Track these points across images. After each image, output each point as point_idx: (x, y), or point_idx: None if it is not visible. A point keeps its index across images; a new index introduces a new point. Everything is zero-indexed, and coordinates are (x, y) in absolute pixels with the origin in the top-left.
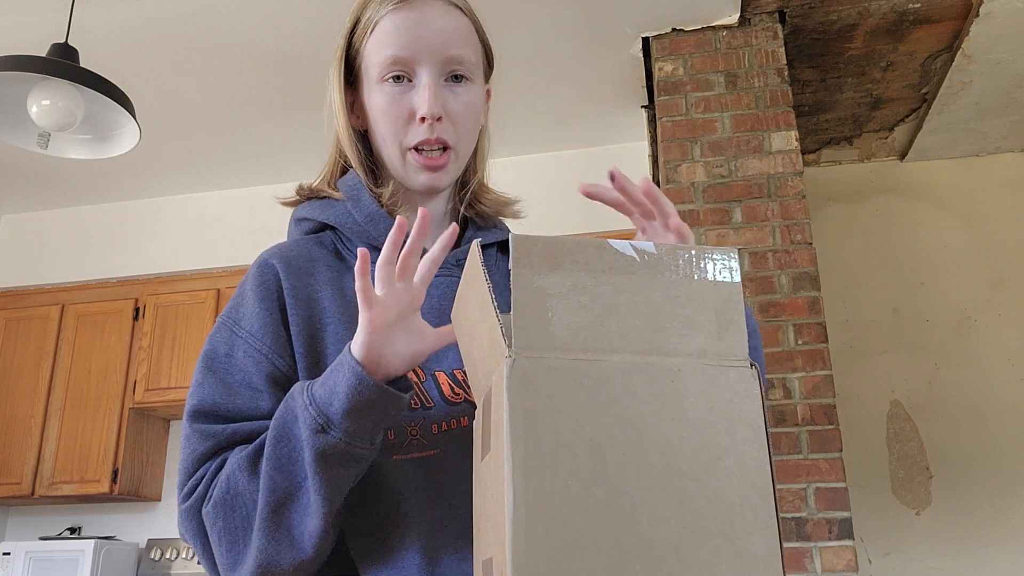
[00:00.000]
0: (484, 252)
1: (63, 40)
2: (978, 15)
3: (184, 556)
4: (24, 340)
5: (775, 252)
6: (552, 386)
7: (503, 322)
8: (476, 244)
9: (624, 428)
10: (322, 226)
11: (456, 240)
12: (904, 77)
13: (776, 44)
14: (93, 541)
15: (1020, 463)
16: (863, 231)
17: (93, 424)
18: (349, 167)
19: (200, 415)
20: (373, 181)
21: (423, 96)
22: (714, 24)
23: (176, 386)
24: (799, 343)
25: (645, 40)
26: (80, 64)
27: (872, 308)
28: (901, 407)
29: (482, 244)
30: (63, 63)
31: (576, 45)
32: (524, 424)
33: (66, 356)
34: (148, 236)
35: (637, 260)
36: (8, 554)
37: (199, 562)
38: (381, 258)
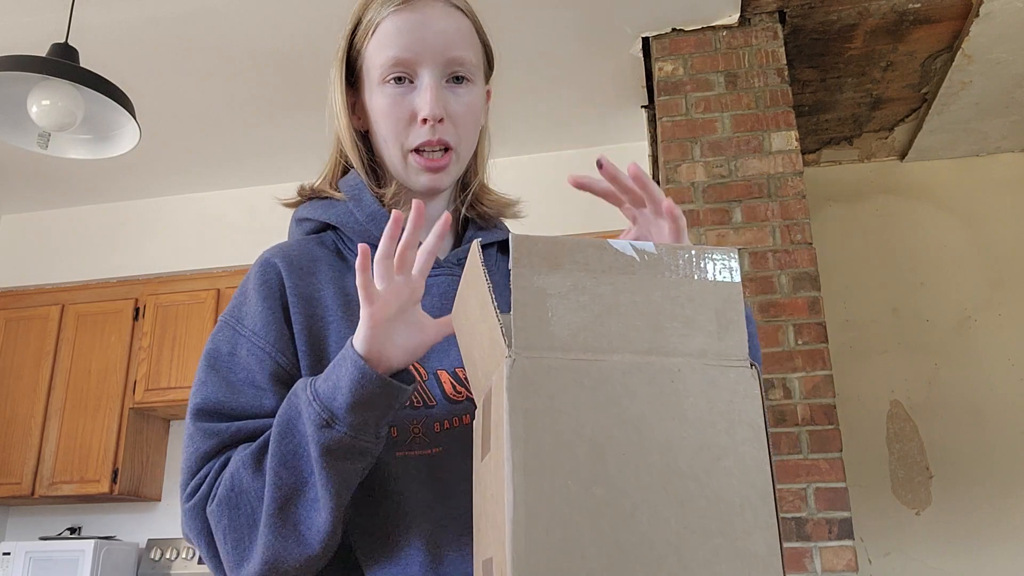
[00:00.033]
0: (484, 252)
1: (63, 40)
2: (978, 15)
3: (184, 556)
4: (24, 340)
5: (775, 252)
6: (552, 386)
7: (503, 322)
8: (476, 244)
9: (624, 428)
10: (323, 226)
11: (456, 240)
12: (904, 77)
13: (776, 44)
14: (93, 541)
15: (1020, 463)
16: (863, 231)
17: (93, 424)
18: (350, 168)
19: (203, 413)
20: (374, 181)
21: (425, 98)
22: (714, 24)
23: (176, 386)
24: (799, 343)
25: (645, 40)
26: (80, 64)
27: (872, 308)
28: (901, 407)
29: (482, 244)
30: (63, 63)
31: (576, 45)
32: (524, 424)
33: (66, 356)
34: (148, 236)
35: (637, 260)
36: (8, 554)
37: (200, 562)
38: (379, 252)
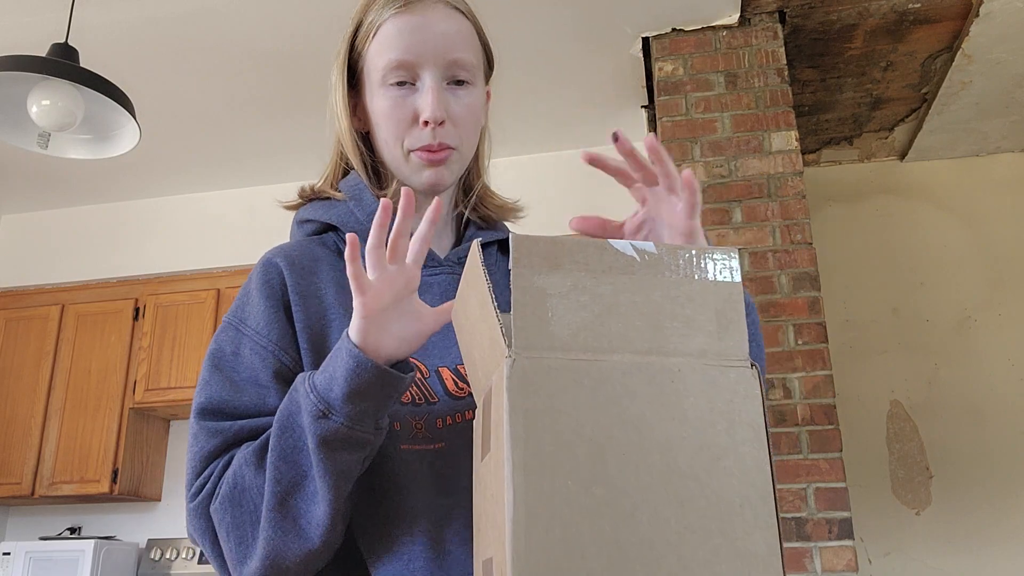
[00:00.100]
0: (484, 251)
1: (63, 40)
2: (978, 15)
3: (184, 556)
4: (24, 340)
5: (775, 252)
6: (552, 386)
7: (503, 322)
8: (476, 244)
9: (624, 428)
10: (324, 227)
11: (457, 239)
12: (904, 77)
13: (776, 44)
14: (93, 541)
15: (1020, 463)
16: (863, 231)
17: (93, 424)
18: (350, 169)
19: (207, 413)
20: (375, 182)
21: (426, 100)
22: (714, 24)
23: (176, 386)
24: (799, 343)
25: (645, 40)
26: (80, 64)
27: (872, 308)
28: (901, 407)
29: (482, 243)
30: (63, 63)
31: (576, 45)
32: (524, 424)
33: (66, 356)
34: (148, 236)
35: (637, 260)
36: (8, 554)
37: (200, 562)
38: (370, 242)
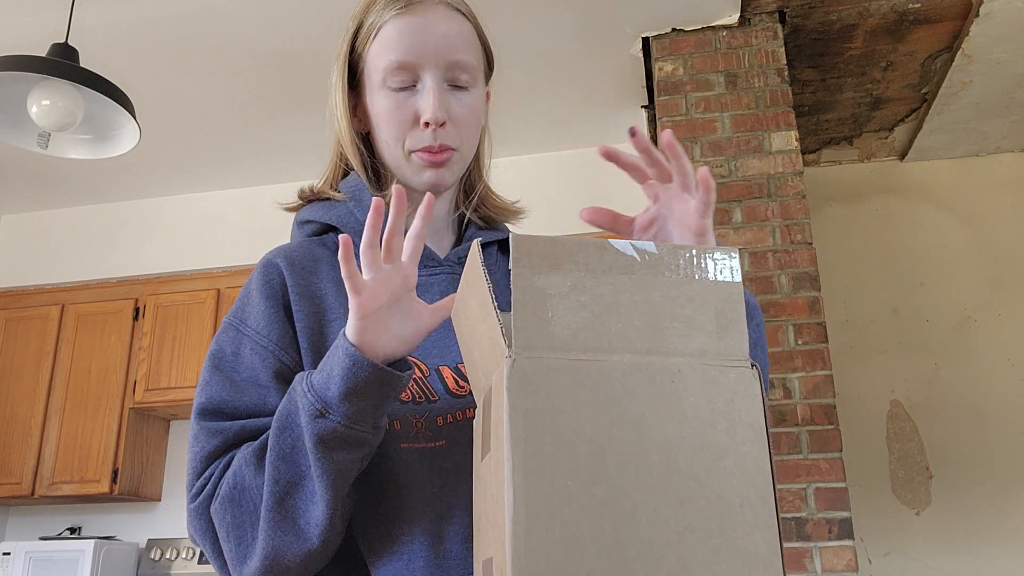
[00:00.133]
0: (484, 251)
1: (63, 40)
2: (978, 15)
3: (184, 556)
4: (24, 340)
5: (775, 252)
6: (552, 386)
7: (503, 322)
8: (476, 243)
9: (624, 428)
10: (325, 228)
11: (457, 239)
12: (904, 77)
13: (776, 44)
14: (93, 541)
15: (1020, 463)
16: (863, 231)
17: (93, 424)
18: (350, 170)
19: (208, 413)
20: (375, 183)
21: (428, 101)
22: (714, 24)
23: (176, 386)
24: (799, 343)
25: (645, 40)
26: (80, 64)
27: (872, 308)
28: (901, 407)
29: (482, 243)
30: (63, 63)
31: (576, 45)
32: (524, 424)
33: (66, 356)
34: (148, 236)
35: (637, 260)
36: (8, 554)
37: (200, 562)
38: (364, 242)
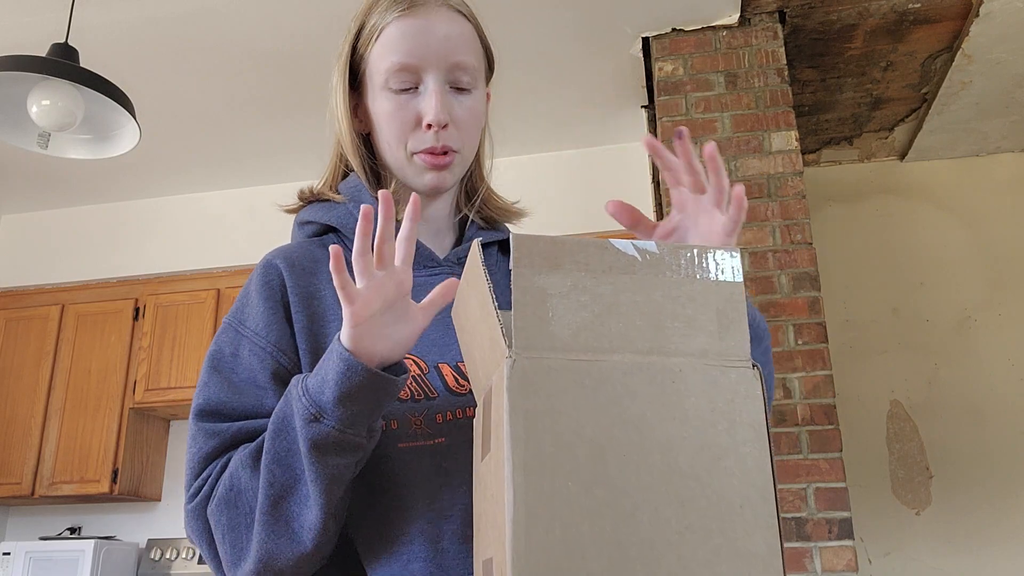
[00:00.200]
0: (484, 251)
1: (63, 40)
2: (978, 15)
3: (184, 556)
4: (24, 340)
5: (775, 252)
6: (552, 386)
7: (503, 322)
8: (476, 243)
9: (625, 428)
10: (325, 228)
11: (457, 239)
12: (904, 77)
13: (776, 44)
14: (93, 541)
15: (1020, 463)
16: (863, 231)
17: (93, 424)
18: (350, 171)
19: (206, 414)
20: (374, 184)
21: (430, 103)
22: (714, 24)
23: (176, 386)
24: (799, 343)
25: (645, 40)
26: (80, 64)
27: (872, 308)
28: (901, 407)
29: (483, 244)
30: (63, 63)
31: (576, 45)
32: (524, 425)
33: (66, 356)
34: (148, 236)
35: (638, 259)
36: (8, 554)
37: (200, 562)
38: (355, 250)
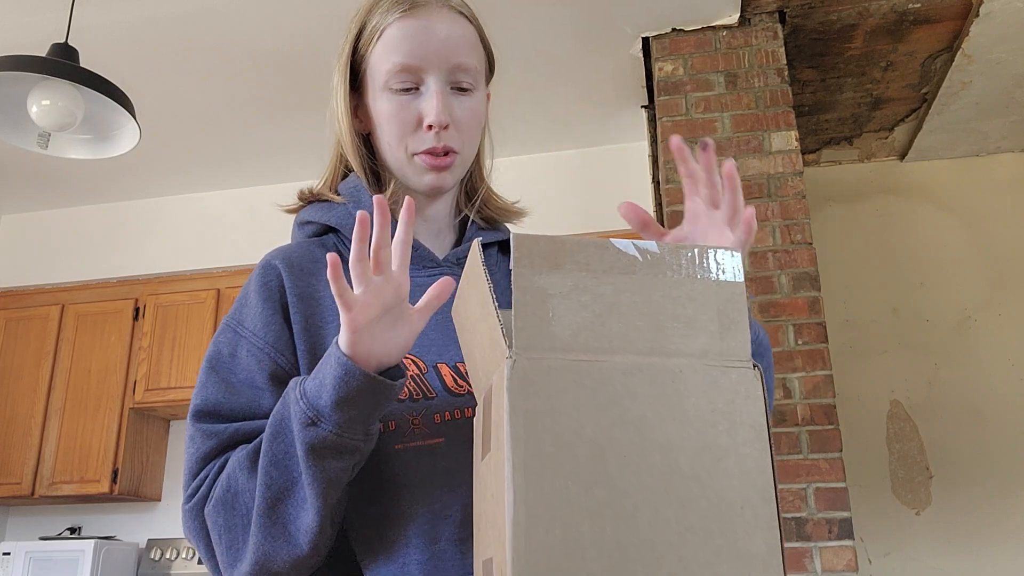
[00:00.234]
0: (484, 252)
1: (63, 40)
2: (978, 15)
3: (184, 556)
4: (24, 340)
5: (775, 252)
6: (553, 387)
7: (503, 322)
8: (477, 243)
9: (625, 429)
10: (325, 228)
11: (457, 239)
12: (904, 77)
13: (776, 44)
14: (93, 541)
15: (1020, 463)
16: (863, 231)
17: (93, 424)
18: (349, 171)
19: (203, 415)
20: (374, 184)
21: (431, 104)
22: (714, 24)
23: (176, 386)
24: (799, 343)
25: (645, 40)
26: (80, 64)
27: (872, 308)
28: (901, 407)
29: (483, 244)
30: (63, 63)
31: (576, 45)
32: (524, 425)
33: (66, 356)
34: (148, 236)
35: (639, 260)
36: (8, 554)
37: (200, 562)
38: (352, 257)
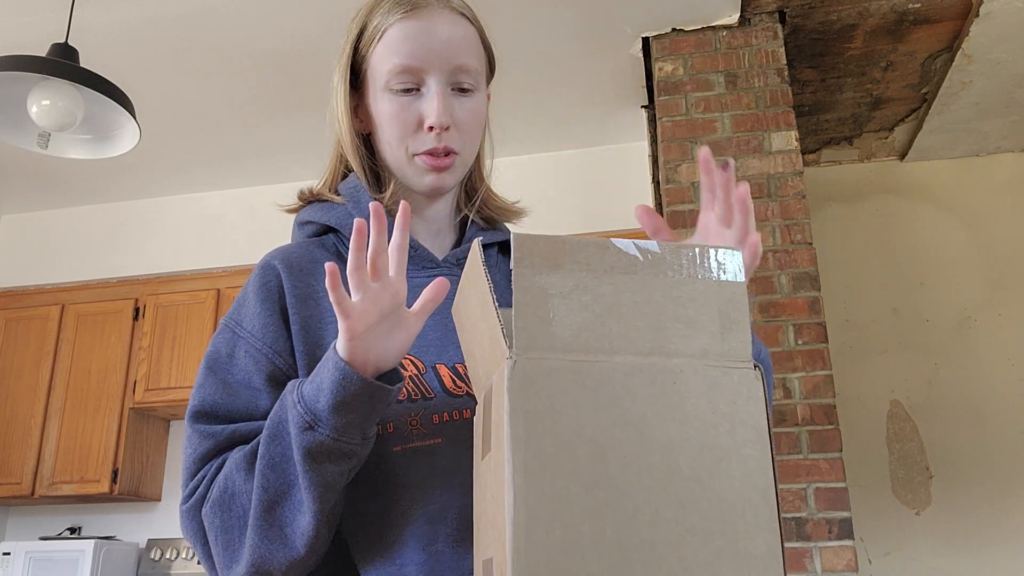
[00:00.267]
0: (484, 252)
1: (63, 40)
2: (978, 15)
3: (184, 556)
4: (24, 340)
5: (775, 252)
6: (553, 387)
7: (504, 322)
8: (477, 242)
9: (625, 429)
10: (324, 228)
11: (457, 240)
12: (904, 77)
13: (776, 44)
14: (93, 541)
15: (1020, 463)
16: (863, 231)
17: (93, 424)
18: (349, 171)
19: (201, 416)
20: (374, 184)
21: (432, 105)
22: (714, 24)
23: (176, 386)
24: (799, 343)
25: (645, 40)
26: (80, 64)
27: (872, 308)
28: (901, 407)
29: (483, 244)
30: (63, 63)
31: (576, 45)
32: (525, 426)
33: (66, 356)
34: (148, 236)
35: (640, 259)
36: (8, 554)
37: (199, 562)
38: (349, 265)
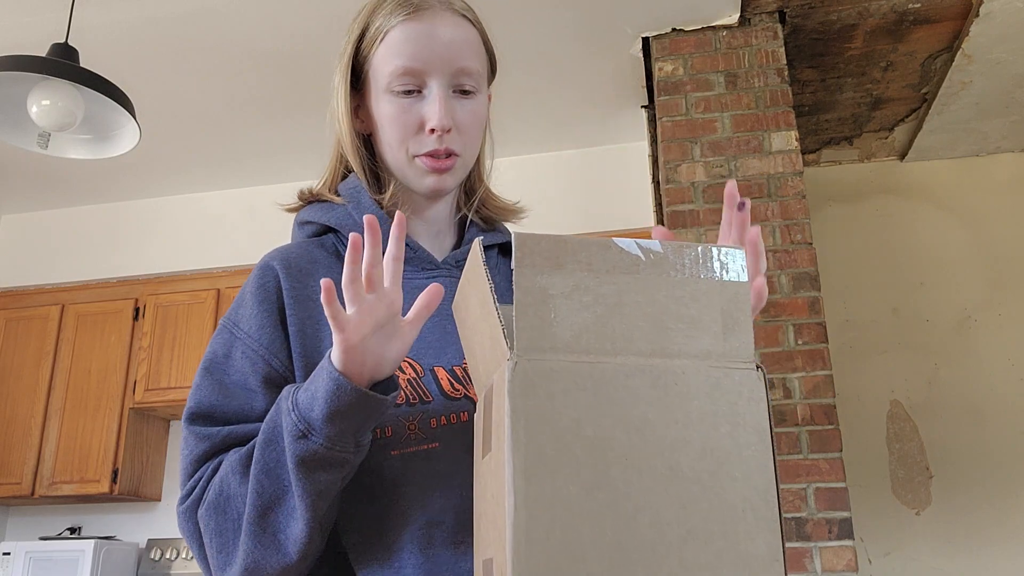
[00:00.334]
0: (485, 253)
1: (63, 40)
2: (978, 15)
3: (184, 556)
4: (24, 340)
5: (775, 252)
6: (554, 388)
7: (504, 322)
8: (477, 242)
9: (626, 430)
10: (324, 229)
11: (457, 241)
12: (904, 77)
13: (776, 44)
14: (93, 541)
15: (1020, 463)
16: (863, 231)
17: (93, 424)
18: (349, 172)
19: (197, 417)
20: (374, 185)
21: (434, 108)
22: (714, 24)
23: (176, 386)
24: (799, 343)
25: (645, 40)
26: (80, 64)
27: (872, 308)
28: (901, 407)
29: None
30: (63, 63)
31: (576, 45)
32: (525, 427)
33: (66, 356)
34: (148, 236)
35: (642, 259)
36: (8, 554)
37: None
38: (345, 278)
